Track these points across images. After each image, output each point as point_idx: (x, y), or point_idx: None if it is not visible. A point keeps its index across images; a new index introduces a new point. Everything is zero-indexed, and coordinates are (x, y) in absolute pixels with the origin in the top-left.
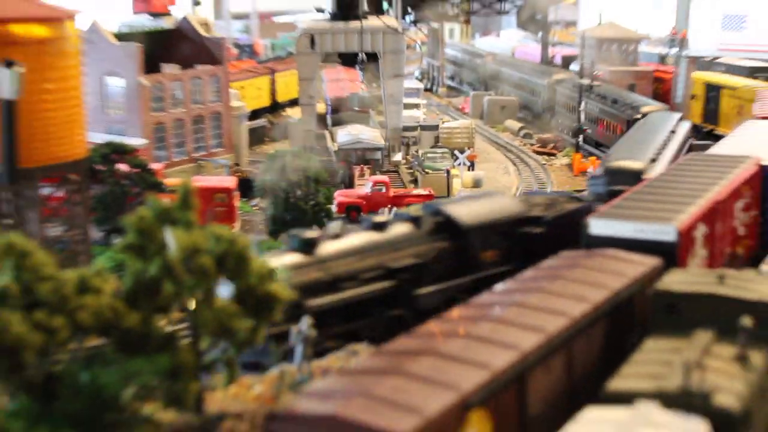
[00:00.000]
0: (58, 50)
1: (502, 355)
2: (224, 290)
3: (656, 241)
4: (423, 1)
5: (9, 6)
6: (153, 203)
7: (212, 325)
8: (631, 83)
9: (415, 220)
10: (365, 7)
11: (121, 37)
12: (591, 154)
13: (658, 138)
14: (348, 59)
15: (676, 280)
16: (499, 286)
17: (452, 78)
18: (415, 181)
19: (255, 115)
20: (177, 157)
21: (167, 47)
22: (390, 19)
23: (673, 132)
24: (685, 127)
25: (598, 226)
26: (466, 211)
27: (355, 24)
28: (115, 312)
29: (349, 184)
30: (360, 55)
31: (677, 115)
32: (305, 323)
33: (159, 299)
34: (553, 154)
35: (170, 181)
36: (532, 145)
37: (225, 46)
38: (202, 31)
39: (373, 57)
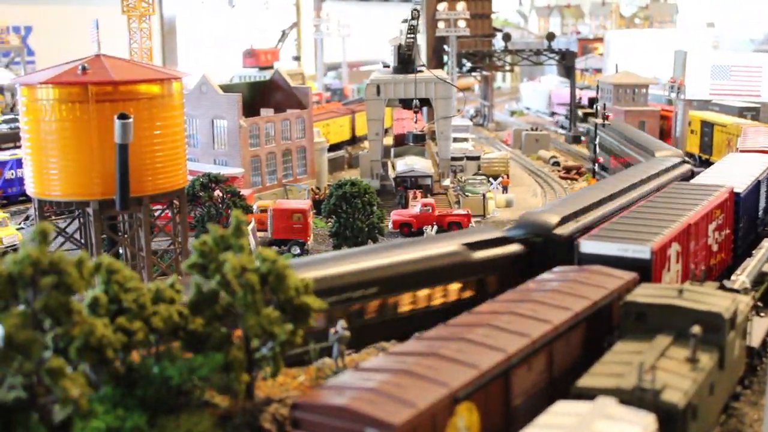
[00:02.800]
0: (165, 104)
1: (490, 357)
2: None
3: (634, 258)
4: (474, 54)
5: (129, 71)
6: (212, 232)
7: (256, 329)
8: (641, 120)
9: None
10: (421, 62)
11: (226, 88)
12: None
13: None
14: (408, 103)
15: (643, 293)
16: (501, 296)
17: (604, 169)
18: (458, 203)
19: (338, 146)
20: (269, 183)
21: (265, 94)
22: (441, 72)
23: None
24: None
25: (588, 245)
26: None
27: (412, 76)
28: (183, 317)
29: (405, 204)
30: (414, 100)
31: None
32: (340, 326)
33: (217, 307)
34: (576, 179)
35: (262, 203)
36: (559, 171)
37: (309, 94)
38: (291, 82)
39: (428, 102)
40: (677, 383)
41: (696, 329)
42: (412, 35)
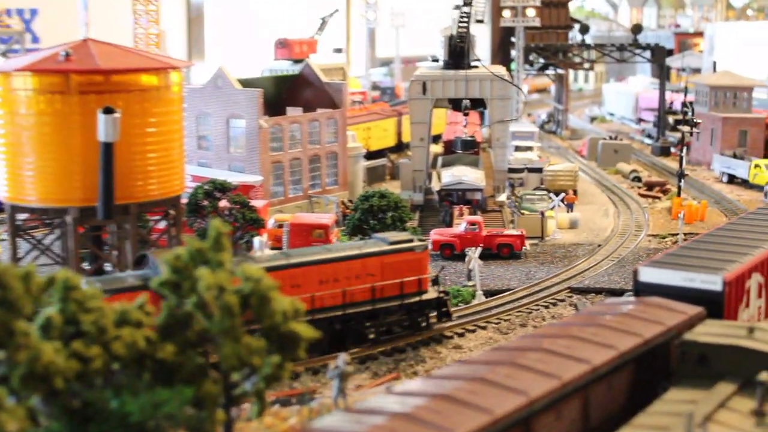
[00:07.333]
0: (161, 98)
1: (508, 400)
2: None
3: (703, 290)
4: (545, 49)
5: (120, 58)
6: (189, 244)
7: (233, 360)
8: (742, 130)
9: None
10: (475, 56)
11: (246, 82)
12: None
13: None
14: (458, 104)
15: (706, 331)
16: (538, 331)
17: None
18: (513, 222)
19: (381, 154)
20: (293, 194)
21: (294, 91)
22: (499, 68)
23: None
24: None
25: (648, 273)
26: None
27: (464, 72)
28: (150, 343)
29: (450, 223)
30: (464, 101)
31: None
32: (342, 360)
33: (190, 333)
34: (658, 197)
35: (280, 216)
36: (639, 188)
37: (344, 92)
38: (324, 77)
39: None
40: None
41: (765, 376)
42: (465, 24)
